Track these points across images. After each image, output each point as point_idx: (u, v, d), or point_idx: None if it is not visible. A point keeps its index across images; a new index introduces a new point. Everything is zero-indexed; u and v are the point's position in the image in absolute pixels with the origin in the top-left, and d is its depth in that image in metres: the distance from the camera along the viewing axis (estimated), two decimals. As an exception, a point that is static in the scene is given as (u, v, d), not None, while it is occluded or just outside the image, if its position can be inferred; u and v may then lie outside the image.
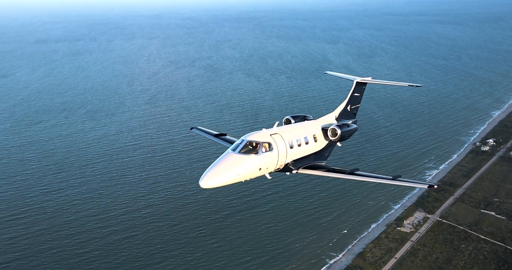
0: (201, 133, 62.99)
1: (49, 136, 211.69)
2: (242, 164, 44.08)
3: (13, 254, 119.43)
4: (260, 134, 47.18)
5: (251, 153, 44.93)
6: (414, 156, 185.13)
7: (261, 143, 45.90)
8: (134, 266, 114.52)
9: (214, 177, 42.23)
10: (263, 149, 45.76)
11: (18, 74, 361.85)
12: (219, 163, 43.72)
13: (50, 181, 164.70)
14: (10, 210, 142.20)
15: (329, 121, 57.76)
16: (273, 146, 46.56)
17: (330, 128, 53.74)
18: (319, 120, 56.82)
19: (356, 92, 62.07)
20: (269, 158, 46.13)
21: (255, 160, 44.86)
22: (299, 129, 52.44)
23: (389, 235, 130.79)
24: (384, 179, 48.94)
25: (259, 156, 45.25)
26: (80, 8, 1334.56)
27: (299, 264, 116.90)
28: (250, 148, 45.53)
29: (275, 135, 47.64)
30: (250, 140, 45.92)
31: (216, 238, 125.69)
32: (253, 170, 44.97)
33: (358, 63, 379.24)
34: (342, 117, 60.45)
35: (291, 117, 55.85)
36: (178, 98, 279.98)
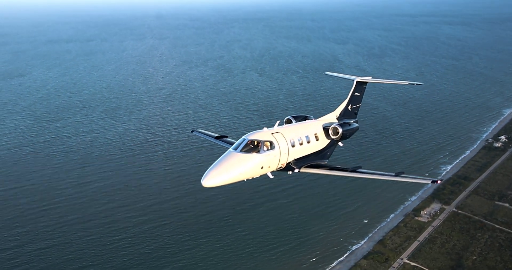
0: (202, 136, 63.41)
1: (72, 133, 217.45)
2: (244, 163, 44.20)
3: (52, 241, 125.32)
4: (261, 133, 47.20)
5: (252, 152, 45.08)
6: (429, 152, 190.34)
7: (263, 142, 45.95)
8: (167, 251, 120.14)
9: (216, 176, 42.38)
10: (265, 148, 45.83)
11: (35, 73, 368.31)
12: (221, 162, 43.90)
13: (77, 174, 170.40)
14: (45, 200, 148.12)
15: (330, 120, 58.04)
16: (274, 145, 46.68)
17: (332, 127, 54.11)
18: (320, 120, 57.61)
19: (357, 92, 62.25)
20: (271, 156, 46.24)
21: (256, 158, 44.95)
22: (301, 128, 52.64)
23: (407, 224, 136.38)
24: (387, 176, 49.61)
25: (261, 154, 45.32)
26: (88, 8, 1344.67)
27: (323, 251, 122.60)
28: (252, 147, 45.67)
29: (276, 134, 47.75)
30: (251, 139, 45.98)
31: (243, 227, 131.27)
32: (255, 169, 45.05)
33: (369, 63, 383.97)
34: (343, 116, 60.44)
35: (292, 117, 56.19)
36: (193, 97, 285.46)
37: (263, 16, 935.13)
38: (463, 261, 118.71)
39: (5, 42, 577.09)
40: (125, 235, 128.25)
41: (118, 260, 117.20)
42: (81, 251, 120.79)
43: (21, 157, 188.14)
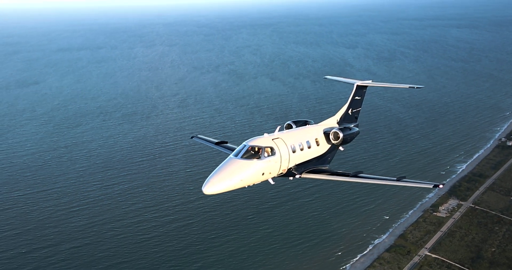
0: (202, 142, 63.54)
1: (92, 138, 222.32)
2: (245, 170, 44.06)
3: (84, 240, 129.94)
4: (262, 139, 47.25)
5: (253, 158, 45.05)
6: (444, 152, 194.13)
7: (263, 148, 45.93)
8: (196, 248, 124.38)
9: (217, 183, 42.25)
10: (266, 154, 45.81)
11: (49, 81, 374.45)
12: (221, 169, 43.83)
13: (101, 177, 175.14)
14: (73, 202, 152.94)
15: (330, 125, 57.96)
16: (275, 151, 46.63)
17: (332, 132, 54.12)
18: (321, 124, 57.52)
19: (357, 96, 62.15)
20: (272, 162, 46.23)
21: (257, 165, 44.87)
22: (301, 133, 52.64)
23: (426, 219, 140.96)
24: (389, 180, 48.97)
25: (262, 161, 45.25)
26: (94, 16, 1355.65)
27: (347, 245, 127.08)
28: (252, 153, 45.67)
29: (277, 140, 47.76)
30: (252, 145, 45.98)
31: (268, 225, 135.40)
32: (255, 175, 44.94)
33: (379, 67, 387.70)
34: (343, 121, 60.45)
35: (292, 122, 56.35)
36: (208, 102, 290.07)
37: (270, 22, 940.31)
38: (482, 253, 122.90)
39: (17, 50, 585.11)
40: (154, 234, 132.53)
41: (151, 256, 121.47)
42: (113, 249, 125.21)
43: (45, 162, 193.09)
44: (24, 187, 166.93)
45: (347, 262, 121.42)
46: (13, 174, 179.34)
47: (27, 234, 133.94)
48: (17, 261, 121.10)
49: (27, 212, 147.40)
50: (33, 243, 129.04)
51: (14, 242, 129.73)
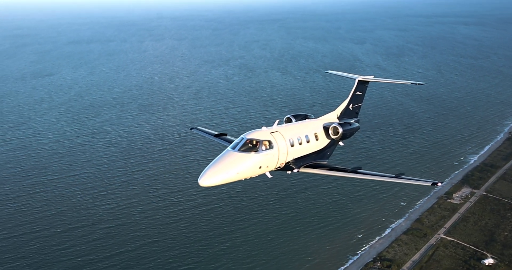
0: (201, 134, 64.47)
1: (111, 127, 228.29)
2: (242, 162, 43.80)
3: (116, 221, 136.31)
4: (260, 132, 46.99)
5: (251, 151, 44.80)
6: (456, 144, 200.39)
7: (261, 141, 45.73)
8: (224, 230, 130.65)
9: (213, 175, 42.08)
10: (263, 147, 45.59)
11: (63, 73, 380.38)
12: (218, 161, 43.62)
13: (125, 163, 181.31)
14: (101, 187, 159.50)
15: (330, 119, 57.77)
16: (273, 144, 46.38)
17: (332, 127, 53.96)
18: (321, 119, 57.20)
19: (358, 91, 61.94)
20: (269, 156, 45.93)
21: (255, 158, 44.61)
22: (300, 127, 52.36)
23: (441, 205, 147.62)
24: (387, 177, 49.22)
25: (259, 154, 44.97)
26: (102, 9, 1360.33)
27: (366, 229, 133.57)
28: (250, 146, 45.40)
29: (275, 133, 47.45)
30: (250, 138, 45.79)
31: (290, 210, 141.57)
32: (253, 168, 44.70)
33: (388, 63, 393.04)
34: (344, 116, 60.20)
35: (292, 116, 56.17)
36: (221, 94, 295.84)
37: (277, 17, 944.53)
38: (495, 236, 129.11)
39: (28, 43, 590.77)
40: (181, 217, 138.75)
41: (181, 236, 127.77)
42: (145, 229, 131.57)
43: (68, 149, 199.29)
44: (52, 172, 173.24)
45: (367, 243, 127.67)
46: (39, 160, 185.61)
47: (61, 215, 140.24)
48: (55, 239, 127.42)
49: (58, 195, 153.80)
50: (67, 223, 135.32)
51: (50, 222, 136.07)
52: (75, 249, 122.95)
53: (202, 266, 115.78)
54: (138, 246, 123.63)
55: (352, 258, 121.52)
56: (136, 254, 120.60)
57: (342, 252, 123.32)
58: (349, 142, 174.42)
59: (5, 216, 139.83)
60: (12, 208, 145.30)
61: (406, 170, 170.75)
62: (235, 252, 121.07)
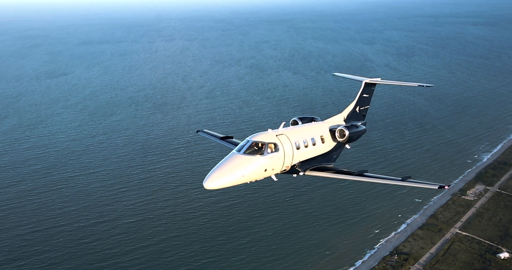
0: (207, 136, 63.83)
1: (127, 126, 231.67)
2: (247, 165, 43.37)
3: (138, 216, 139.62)
4: (265, 135, 46.65)
5: (256, 154, 44.34)
6: (470, 142, 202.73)
7: (267, 144, 45.32)
8: (243, 225, 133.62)
9: (218, 178, 41.79)
10: (269, 150, 45.15)
11: (76, 72, 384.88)
12: (223, 164, 43.28)
13: (142, 161, 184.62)
14: (120, 184, 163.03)
15: (337, 122, 57.16)
16: (279, 147, 45.94)
17: (338, 129, 53.50)
18: (327, 121, 56.56)
19: (365, 93, 61.69)
20: (275, 159, 45.53)
21: (260, 161, 44.11)
22: (306, 130, 52.04)
23: (455, 202, 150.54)
24: (394, 180, 48.41)
25: (265, 157, 44.50)
26: (110, 10, 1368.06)
27: (383, 224, 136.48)
28: (256, 149, 44.99)
29: (281, 136, 47.08)
30: (255, 141, 45.36)
31: (308, 206, 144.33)
32: (258, 171, 44.26)
33: (399, 63, 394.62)
34: (350, 118, 59.85)
35: (298, 119, 55.58)
36: (233, 93, 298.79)
37: (286, 18, 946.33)
38: (510, 232, 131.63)
39: (39, 43, 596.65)
40: (201, 213, 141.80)
41: (201, 231, 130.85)
42: (166, 224, 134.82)
43: (86, 147, 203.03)
44: (72, 169, 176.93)
45: (383, 238, 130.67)
46: (59, 158, 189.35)
47: (83, 210, 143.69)
48: (79, 233, 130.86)
49: (79, 191, 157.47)
50: (90, 219, 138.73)
51: (73, 217, 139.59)
52: (99, 242, 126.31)
53: (224, 259, 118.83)
54: (160, 240, 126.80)
55: (369, 252, 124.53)
56: (158, 247, 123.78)
57: (359, 246, 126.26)
58: (363, 141, 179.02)
59: (30, 211, 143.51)
60: (35, 203, 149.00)
61: (420, 168, 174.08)
62: (255, 246, 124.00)
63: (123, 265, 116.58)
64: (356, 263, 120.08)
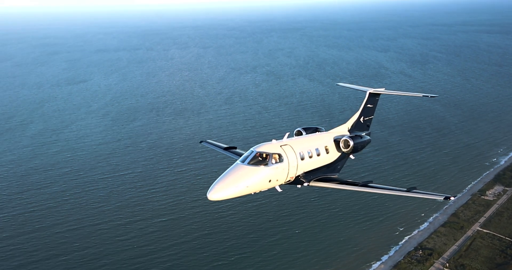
0: (210, 147, 64.23)
1: (151, 131, 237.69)
2: (251, 176, 43.29)
3: (169, 215, 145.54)
4: (270, 145, 46.59)
5: (260, 165, 44.25)
6: (487, 146, 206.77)
7: (271, 154, 45.11)
8: (272, 224, 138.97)
9: (222, 189, 41.84)
10: (273, 161, 44.97)
11: (95, 79, 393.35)
12: (227, 175, 43.41)
13: (168, 164, 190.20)
14: (150, 185, 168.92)
15: (341, 132, 57.37)
16: (283, 158, 45.77)
17: (343, 140, 53.48)
18: (331, 132, 56.80)
19: (369, 103, 61.78)
20: (279, 169, 45.38)
21: (264, 171, 44.02)
22: (310, 140, 51.98)
23: (475, 201, 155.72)
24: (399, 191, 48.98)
25: (269, 167, 44.41)
26: (123, 19, 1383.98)
27: (407, 223, 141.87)
28: (260, 160, 44.92)
29: (285, 146, 47.02)
30: (259, 151, 45.37)
31: (334, 206, 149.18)
32: (262, 182, 44.12)
33: (414, 70, 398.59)
34: (355, 129, 59.88)
35: (302, 129, 55.63)
36: (252, 99, 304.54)
37: (298, 26, 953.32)
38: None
39: (57, 51, 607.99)
40: (231, 212, 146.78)
41: (232, 229, 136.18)
42: (197, 223, 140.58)
43: (113, 151, 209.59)
44: (101, 172, 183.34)
45: (407, 235, 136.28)
46: (87, 161, 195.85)
47: (117, 210, 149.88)
48: (115, 231, 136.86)
49: (110, 192, 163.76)
50: (124, 218, 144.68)
51: (108, 216, 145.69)
52: (135, 240, 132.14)
53: (256, 254, 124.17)
54: (194, 238, 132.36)
55: (394, 248, 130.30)
56: (192, 244, 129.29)
57: (385, 243, 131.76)
58: (383, 145, 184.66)
59: (65, 211, 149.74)
60: (70, 203, 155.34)
61: (440, 170, 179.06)
62: (285, 243, 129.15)
63: (161, 260, 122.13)
64: (382, 258, 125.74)
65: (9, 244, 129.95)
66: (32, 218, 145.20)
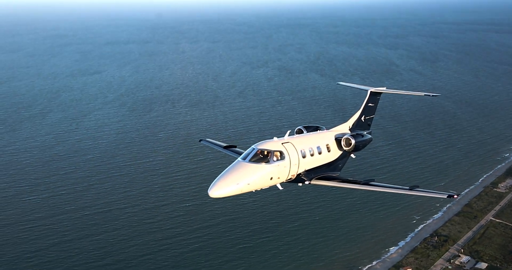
0: (210, 145, 63.07)
1: (167, 121, 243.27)
2: (253, 173, 42.69)
3: (198, 201, 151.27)
4: (271, 143, 45.86)
5: (261, 162, 43.56)
6: (499, 143, 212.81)
7: (272, 152, 44.46)
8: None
9: (223, 186, 41.26)
10: (275, 158, 44.35)
11: (109, 71, 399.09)
12: (228, 172, 42.78)
13: (188, 152, 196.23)
14: (173, 172, 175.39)
15: (342, 131, 56.69)
16: (284, 155, 45.14)
17: (344, 138, 52.98)
18: (332, 130, 56.25)
19: (370, 102, 60.93)
20: (281, 167, 44.74)
21: (266, 169, 43.36)
22: (312, 138, 51.58)
23: (487, 193, 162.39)
24: (401, 189, 48.13)
25: (270, 165, 43.70)
26: (132, 12, 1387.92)
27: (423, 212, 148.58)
28: (261, 157, 44.23)
29: (287, 144, 46.34)
30: (261, 149, 44.62)
31: (351, 196, 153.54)
32: (263, 179, 43.56)
33: (424, 67, 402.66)
34: (356, 127, 59.19)
35: (303, 128, 54.93)
36: (265, 93, 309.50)
37: (307, 22, 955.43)
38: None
39: (68, 43, 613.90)
40: (252, 199, 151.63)
41: (256, 215, 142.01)
42: (222, 208, 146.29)
43: (132, 139, 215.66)
44: (123, 159, 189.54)
45: (423, 223, 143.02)
46: (109, 149, 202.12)
47: (142, 195, 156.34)
48: (142, 214, 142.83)
49: (134, 178, 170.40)
50: (149, 202, 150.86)
51: (134, 200, 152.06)
52: (162, 223, 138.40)
53: (279, 238, 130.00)
54: (218, 222, 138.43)
55: (411, 235, 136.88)
56: (218, 228, 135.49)
57: (402, 230, 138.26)
58: (398, 139, 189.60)
59: (92, 195, 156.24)
60: (96, 188, 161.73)
61: (453, 164, 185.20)
62: (306, 228, 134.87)
63: (188, 242, 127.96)
64: (399, 243, 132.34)
65: (42, 224, 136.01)
66: (61, 201, 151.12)
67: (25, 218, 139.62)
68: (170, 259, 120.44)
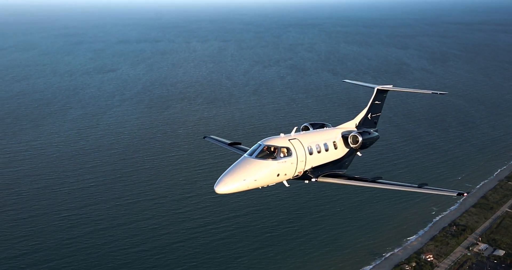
0: (214, 142, 62.85)
1: (186, 118, 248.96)
2: (259, 169, 42.26)
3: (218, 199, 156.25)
4: (278, 139, 45.49)
5: (268, 158, 43.22)
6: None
7: (279, 148, 44.08)
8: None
9: (230, 183, 40.87)
10: (281, 154, 43.96)
11: (123, 69, 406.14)
12: (235, 168, 42.33)
13: (208, 148, 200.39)
14: (196, 166, 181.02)
15: (349, 128, 56.10)
16: (291, 152, 44.69)
17: (351, 135, 52.53)
18: (339, 128, 55.97)
19: (377, 100, 61.04)
20: (288, 164, 44.36)
21: (272, 165, 42.98)
22: (319, 135, 51.12)
23: (503, 186, 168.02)
24: (409, 187, 47.96)
25: (277, 161, 43.30)
26: (140, 11, 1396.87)
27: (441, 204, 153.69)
28: (268, 153, 43.93)
29: (293, 140, 45.93)
30: (267, 145, 44.29)
31: (369, 190, 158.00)
32: (270, 175, 43.15)
33: (435, 67, 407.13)
34: (362, 125, 58.78)
35: (309, 125, 54.51)
36: (279, 91, 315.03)
37: (315, 22, 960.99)
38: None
39: (80, 41, 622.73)
40: (275, 192, 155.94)
41: (280, 207, 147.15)
42: (247, 200, 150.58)
43: (153, 135, 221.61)
44: (146, 154, 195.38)
45: (441, 214, 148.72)
46: (131, 144, 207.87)
47: (170, 187, 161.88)
48: (172, 205, 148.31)
49: (159, 171, 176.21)
50: (176, 194, 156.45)
51: (161, 192, 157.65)
52: (190, 213, 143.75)
53: (304, 228, 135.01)
54: (244, 213, 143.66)
55: (430, 224, 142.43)
56: (244, 218, 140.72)
57: (421, 220, 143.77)
58: (412, 136, 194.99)
59: (121, 187, 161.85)
60: (123, 180, 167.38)
61: (468, 160, 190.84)
62: (330, 219, 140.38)
63: (218, 230, 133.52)
64: (419, 232, 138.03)
65: (76, 213, 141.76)
66: (91, 192, 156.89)
67: (58, 208, 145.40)
68: (202, 246, 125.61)
